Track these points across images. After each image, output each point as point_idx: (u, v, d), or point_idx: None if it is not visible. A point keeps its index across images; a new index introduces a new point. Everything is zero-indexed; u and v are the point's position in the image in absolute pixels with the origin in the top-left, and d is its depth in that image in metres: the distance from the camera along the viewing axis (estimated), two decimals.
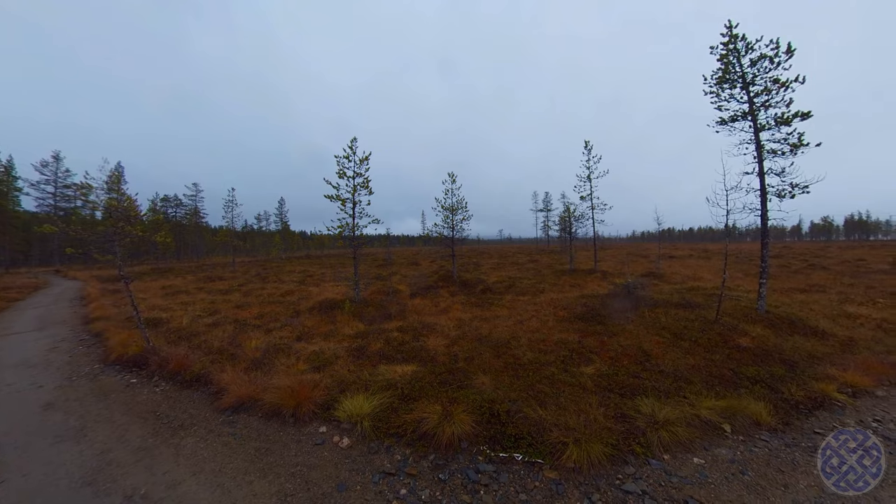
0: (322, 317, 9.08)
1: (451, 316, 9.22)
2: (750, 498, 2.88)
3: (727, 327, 7.15)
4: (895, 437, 3.84)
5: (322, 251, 76.20)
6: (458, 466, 3.19)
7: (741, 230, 8.44)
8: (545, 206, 57.42)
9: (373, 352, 6.28)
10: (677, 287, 12.76)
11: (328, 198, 10.60)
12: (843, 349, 6.34)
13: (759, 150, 8.24)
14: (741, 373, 5.25)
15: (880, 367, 5.46)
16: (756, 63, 8.07)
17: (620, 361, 5.73)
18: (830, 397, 4.63)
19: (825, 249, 36.80)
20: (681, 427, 3.74)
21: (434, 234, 17.48)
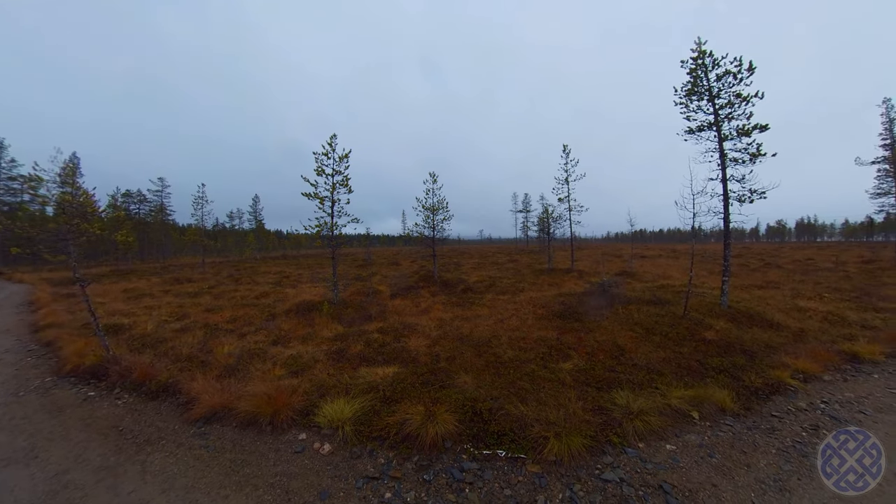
0: (299, 319, 8.81)
1: (432, 316, 9.21)
2: (718, 479, 3.09)
3: (694, 322, 7.58)
4: (840, 417, 4.23)
5: (299, 251, 73.04)
6: (443, 466, 3.19)
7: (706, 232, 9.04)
8: (524, 207, 58.47)
9: (353, 354, 6.17)
10: (648, 285, 13.39)
11: (306, 196, 10.28)
12: (795, 339, 6.88)
13: (722, 158, 8.85)
14: (707, 363, 5.58)
15: (827, 354, 6.00)
16: (721, 78, 8.68)
17: (597, 356, 5.93)
18: (785, 383, 5.03)
19: (779, 250, 39.70)
20: (654, 416, 3.94)
21: (415, 233, 17.37)
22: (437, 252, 17.30)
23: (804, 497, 2.90)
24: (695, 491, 2.95)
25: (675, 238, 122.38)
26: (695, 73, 9.00)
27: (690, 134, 9.33)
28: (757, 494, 2.93)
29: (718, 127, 8.82)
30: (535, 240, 49.64)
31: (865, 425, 4.05)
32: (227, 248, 58.17)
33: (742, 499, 2.88)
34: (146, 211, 50.10)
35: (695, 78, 9.01)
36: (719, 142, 8.84)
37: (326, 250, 11.05)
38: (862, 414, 4.32)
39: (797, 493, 2.93)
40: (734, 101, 8.51)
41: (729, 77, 8.53)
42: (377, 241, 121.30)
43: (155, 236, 50.95)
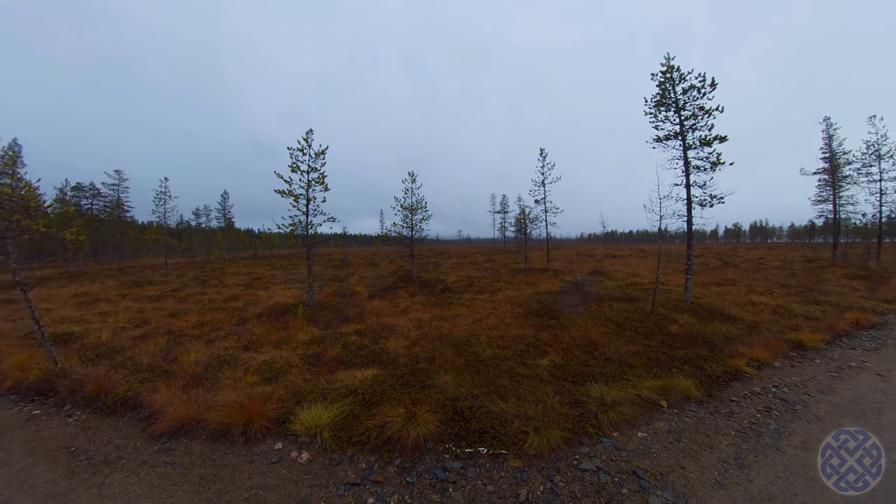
0: (272, 323, 8.46)
1: (411, 316, 9.15)
2: (685, 461, 3.31)
3: (661, 317, 8.00)
4: (789, 399, 4.63)
5: (272, 251, 69.05)
6: (426, 467, 3.18)
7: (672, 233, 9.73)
8: (502, 208, 59.31)
9: (330, 358, 6.01)
10: (619, 283, 14.03)
11: (279, 193, 9.83)
12: (750, 331, 7.45)
13: (686, 165, 9.50)
14: (673, 355, 5.91)
15: (776, 344, 6.57)
16: (687, 92, 9.27)
17: (572, 352, 6.13)
18: (741, 370, 5.44)
19: (735, 250, 43.09)
20: (626, 407, 4.14)
21: (393, 233, 17.16)
22: (415, 252, 17.19)
23: (760, 472, 3.18)
24: (665, 474, 3.13)
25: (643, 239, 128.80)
26: (663, 85, 9.57)
27: (658, 142, 9.92)
28: (720, 473, 3.17)
29: (683, 136, 9.45)
30: (512, 240, 50.55)
31: (809, 406, 4.46)
32: (193, 247, 54.27)
33: (707, 478, 3.10)
34: (100, 206, 45.14)
35: (663, 90, 9.59)
36: (684, 150, 9.48)
37: (301, 250, 10.60)
38: (807, 395, 4.75)
39: (754, 469, 3.22)
40: (698, 114, 9.15)
41: (693, 91, 9.16)
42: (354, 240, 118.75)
43: (110, 235, 46.50)
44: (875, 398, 4.68)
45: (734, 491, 2.95)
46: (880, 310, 9.54)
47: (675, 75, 9.35)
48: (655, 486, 2.98)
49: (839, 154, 22.03)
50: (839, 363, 5.94)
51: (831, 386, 5.06)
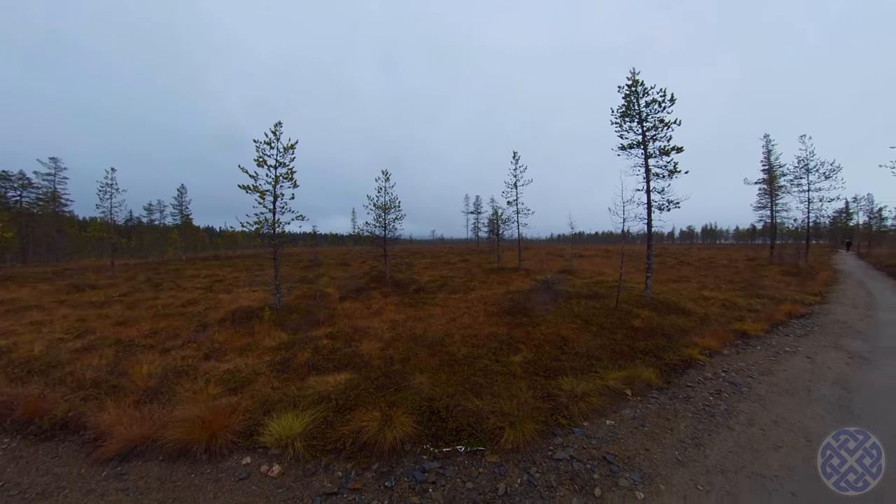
0: (236, 329, 7.98)
1: (384, 318, 9.01)
2: (649, 444, 3.55)
3: (624, 312, 8.48)
4: (736, 382, 5.09)
5: (235, 251, 63.70)
6: (404, 470, 3.14)
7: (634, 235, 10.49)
8: (476, 209, 59.84)
9: (300, 363, 5.78)
10: (587, 281, 14.67)
11: (243, 188, 9.24)
12: (702, 323, 8.12)
13: (647, 172, 10.17)
14: (636, 347, 6.29)
15: (725, 334, 7.21)
16: (649, 105, 9.93)
17: (543, 348, 6.33)
18: (695, 359, 5.90)
19: (689, 250, 46.38)
20: (595, 397, 4.36)
21: (365, 233, 16.81)
22: (388, 252, 16.96)
23: (713, 448, 3.50)
24: (632, 457, 3.34)
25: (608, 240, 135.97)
26: (629, 98, 10.22)
27: (623, 150, 10.58)
28: (680, 452, 3.44)
29: (645, 146, 10.16)
30: (485, 240, 51.24)
31: (753, 387, 4.93)
32: (145, 247, 49.18)
33: (668, 457, 3.35)
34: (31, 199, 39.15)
35: (628, 102, 10.24)
36: (645, 158, 10.19)
37: (267, 250, 9.96)
38: (751, 378, 5.24)
39: (708, 446, 3.53)
40: (658, 125, 9.88)
41: (655, 105, 9.87)
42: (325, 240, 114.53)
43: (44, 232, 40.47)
44: (806, 377, 5.27)
45: (692, 467, 3.22)
46: (808, 301, 10.80)
47: (639, 89, 10.04)
48: (624, 468, 3.17)
49: (776, 167, 24.88)
50: (776, 349, 6.62)
51: (770, 369, 5.62)
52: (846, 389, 4.86)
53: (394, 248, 24.30)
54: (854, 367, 5.65)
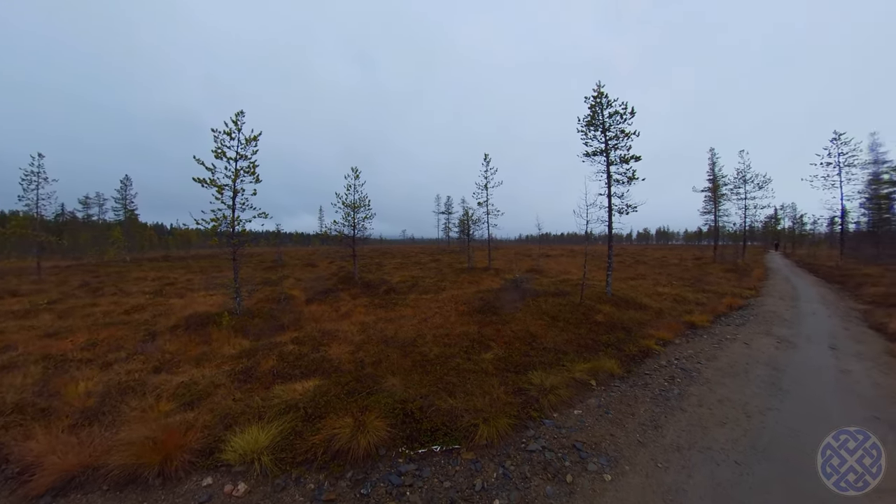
0: (191, 337, 7.37)
1: (353, 320, 8.78)
2: (613, 429, 3.80)
3: (588, 308, 8.93)
4: (686, 368, 5.54)
5: (188, 251, 57.23)
6: (380, 475, 3.08)
7: (596, 236, 11.25)
8: (447, 209, 59.91)
9: (264, 371, 5.46)
10: (553, 280, 15.30)
11: (199, 182, 8.46)
12: (657, 316, 8.77)
13: (609, 178, 10.87)
14: (599, 340, 6.65)
15: (676, 325, 7.88)
16: (612, 116, 10.61)
17: (514, 344, 6.50)
18: (652, 349, 6.37)
19: (645, 250, 50.33)
20: (563, 389, 4.55)
21: (333, 232, 16.26)
22: (357, 252, 16.52)
23: (670, 429, 3.82)
24: (598, 442, 3.55)
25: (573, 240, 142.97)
26: (594, 108, 10.89)
27: (587, 157, 11.28)
28: (640, 434, 3.72)
29: (607, 154, 10.89)
30: (456, 240, 51.59)
31: (701, 372, 5.40)
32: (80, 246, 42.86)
33: (631, 440, 3.61)
34: None
35: (593, 112, 10.92)
36: (607, 165, 10.92)
37: (226, 250, 9.14)
38: (699, 364, 5.75)
39: (665, 427, 3.85)
40: (619, 135, 10.64)
41: (617, 116, 10.60)
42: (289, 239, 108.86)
43: None
44: (744, 361, 5.88)
45: (652, 447, 3.49)
46: (745, 295, 12.11)
47: (603, 101, 10.76)
48: (592, 454, 3.36)
49: (719, 177, 27.86)
50: (720, 337, 7.31)
51: (715, 355, 6.20)
52: (776, 370, 5.49)
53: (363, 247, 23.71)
54: (782, 351, 6.40)
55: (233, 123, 8.90)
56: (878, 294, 11.40)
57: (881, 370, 5.56)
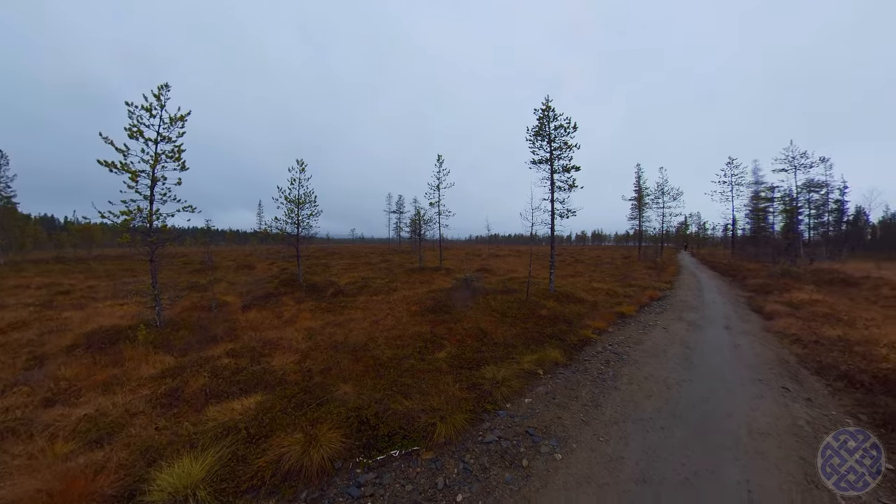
0: (96, 357, 6.21)
1: (298, 326, 8.22)
2: (560, 413, 4.13)
3: (533, 304, 9.50)
4: (618, 352, 6.20)
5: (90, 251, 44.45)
6: (337, 490, 2.92)
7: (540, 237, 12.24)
8: (398, 209, 58.69)
9: (194, 392, 4.84)
10: (501, 278, 15.91)
11: (106, 166, 7.04)
12: (593, 308, 9.69)
13: (552, 185, 11.86)
14: (544, 333, 7.11)
15: (609, 316, 8.81)
16: (557, 129, 11.60)
17: (466, 342, 6.66)
18: (589, 337, 7.00)
19: (582, 251, 54.94)
20: (514, 381, 4.81)
21: (275, 230, 14.87)
22: (302, 252, 15.46)
23: (607, 406, 4.28)
24: (548, 426, 3.83)
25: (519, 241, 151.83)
26: (542, 120, 11.82)
27: (534, 164, 12.24)
28: (584, 414, 4.10)
29: (552, 162, 11.87)
30: (407, 240, 51.02)
31: (630, 354, 6.09)
32: None
33: (576, 420, 3.97)
34: None
35: (541, 124, 11.84)
36: (551, 173, 11.91)
37: (141, 249, 7.81)
38: (628, 348, 6.47)
39: (604, 406, 4.29)
40: (563, 147, 11.67)
41: (561, 129, 11.61)
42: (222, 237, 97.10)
43: None
44: (663, 343, 6.77)
45: (594, 424, 3.88)
46: (662, 288, 14.07)
47: (550, 114, 11.69)
48: (543, 437, 3.62)
49: (643, 189, 32.91)
50: (644, 324, 8.33)
51: (640, 339, 7.03)
52: (688, 348, 6.42)
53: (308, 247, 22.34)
54: (691, 332, 7.52)
55: (154, 98, 7.61)
56: (757, 285, 14.21)
57: (760, 343, 6.87)
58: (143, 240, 7.79)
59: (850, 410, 4.28)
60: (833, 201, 33.09)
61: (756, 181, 33.21)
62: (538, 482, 2.98)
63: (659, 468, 3.14)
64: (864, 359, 5.69)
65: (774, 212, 31.46)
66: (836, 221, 35.20)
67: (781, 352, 6.36)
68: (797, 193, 27.60)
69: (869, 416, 4.09)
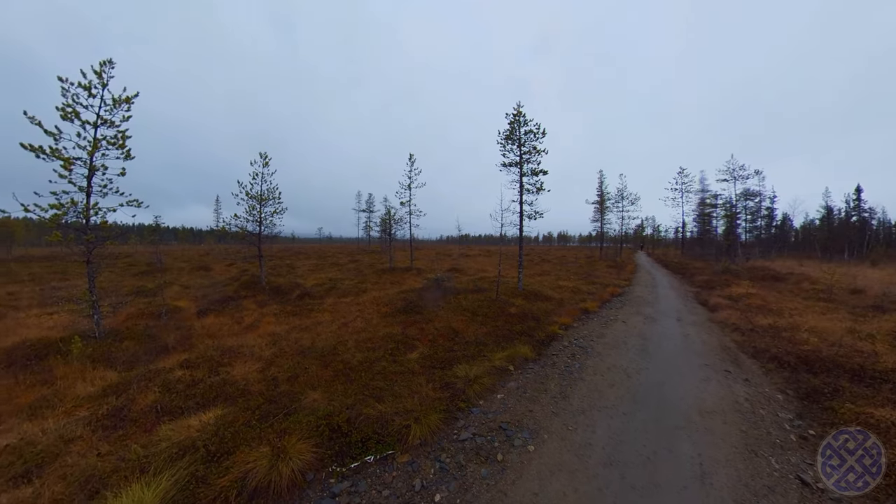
0: (19, 376, 5.44)
1: (261, 332, 7.79)
2: (532, 406, 4.29)
3: (503, 302, 9.73)
4: (583, 345, 6.51)
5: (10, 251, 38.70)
6: (310, 503, 2.81)
7: (509, 237, 12.65)
8: (368, 207, 57.14)
9: (143, 409, 4.42)
10: (472, 278, 16.20)
11: (32, 150, 6.12)
12: (559, 305, 10.15)
13: (521, 188, 12.26)
14: (513, 330, 7.30)
15: (574, 311, 9.26)
16: (527, 134, 12.02)
17: (438, 341, 6.68)
18: (556, 333, 7.31)
19: (549, 251, 57.43)
20: (486, 378, 4.90)
21: (234, 228, 13.84)
22: (265, 252, 14.58)
23: (574, 397, 4.50)
24: (520, 420, 3.95)
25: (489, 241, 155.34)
26: (513, 124, 12.19)
27: (504, 167, 12.61)
28: (553, 405, 4.29)
29: (521, 166, 12.28)
30: (377, 240, 50.00)
31: (593, 347, 6.42)
32: None
33: (546, 412, 4.13)
34: None
35: (512, 128, 12.20)
36: (520, 176, 12.33)
37: (75, 249, 6.92)
38: (592, 341, 6.83)
39: (571, 396, 4.51)
40: (532, 151, 12.10)
41: (531, 134, 12.03)
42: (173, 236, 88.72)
43: None
44: (623, 335, 7.22)
45: (563, 415, 4.06)
46: (622, 285, 15.09)
47: (521, 119, 12.08)
48: (516, 431, 3.73)
49: (605, 193, 35.73)
50: (605, 319, 8.84)
51: (603, 333, 7.45)
52: (644, 339, 6.91)
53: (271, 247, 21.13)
54: (648, 325, 8.09)
55: (95, 76, 6.75)
56: (703, 281, 15.99)
57: (706, 332, 7.58)
58: (77, 238, 6.89)
59: (780, 387, 4.88)
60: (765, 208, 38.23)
61: (703, 189, 37.13)
62: (513, 474, 3.07)
63: (623, 451, 3.36)
64: (789, 343, 6.47)
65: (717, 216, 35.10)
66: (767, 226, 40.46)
67: (724, 339, 7.05)
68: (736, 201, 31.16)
69: (794, 391, 4.69)
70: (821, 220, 44.12)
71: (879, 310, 9.26)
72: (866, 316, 8.43)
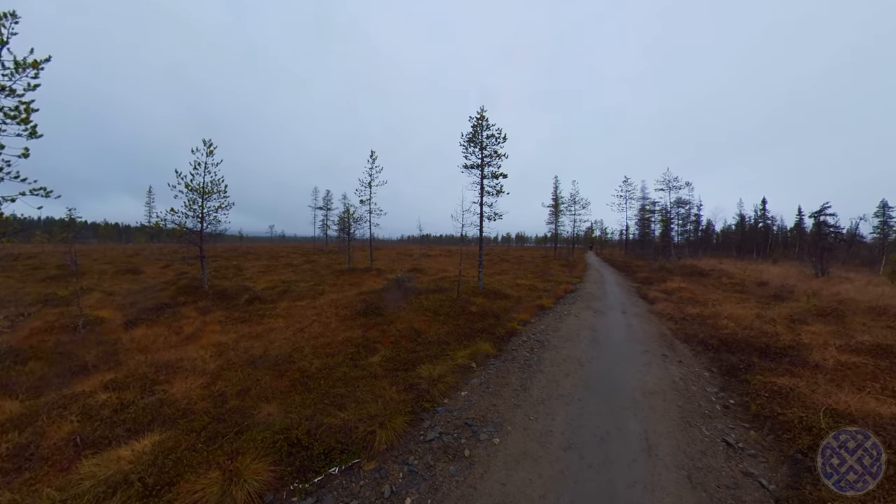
0: None
1: (205, 342, 7.08)
2: (495, 400, 4.42)
3: (464, 301, 9.88)
4: (540, 339, 6.84)
5: None
6: None
7: (470, 238, 12.93)
8: (326, 205, 54.05)
9: (56, 444, 3.77)
10: (433, 278, 16.17)
11: None
12: (517, 302, 10.53)
13: (482, 190, 12.67)
14: (475, 328, 7.44)
15: (532, 308, 9.68)
16: (489, 137, 12.41)
17: (400, 343, 6.59)
18: (516, 329, 7.59)
19: (507, 251, 59.11)
20: (450, 376, 4.95)
21: (171, 224, 12.15)
22: (208, 252, 13.15)
23: (534, 388, 4.72)
24: (485, 415, 4.06)
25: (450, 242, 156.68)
26: (476, 128, 12.45)
27: (466, 169, 12.85)
28: (514, 397, 4.47)
29: (482, 169, 12.59)
30: (335, 239, 47.87)
31: (550, 340, 6.77)
32: None
33: (509, 405, 4.29)
34: None
35: (475, 131, 12.46)
36: (481, 179, 12.64)
37: None
38: (548, 335, 7.20)
39: (531, 388, 4.73)
40: (493, 155, 12.45)
41: (493, 138, 12.37)
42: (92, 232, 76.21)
43: None
44: (576, 328, 7.71)
45: (525, 406, 4.24)
46: (574, 282, 16.12)
47: (484, 123, 12.38)
48: (481, 426, 3.82)
49: (560, 198, 38.65)
50: (560, 314, 9.37)
51: (557, 327, 7.89)
52: (594, 331, 7.45)
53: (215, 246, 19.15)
54: (597, 318, 8.74)
55: None
56: (643, 277, 17.91)
57: (646, 322, 8.40)
58: None
59: (707, 366, 5.61)
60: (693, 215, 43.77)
61: (643, 196, 41.44)
62: (481, 468, 3.14)
63: (580, 434, 3.62)
64: (713, 328, 7.41)
65: (655, 221, 39.54)
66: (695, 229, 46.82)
67: (661, 328, 7.87)
68: (671, 208, 35.78)
69: (718, 369, 5.45)
70: (736, 225, 51.89)
71: (779, 298, 11.04)
72: (770, 304, 9.97)
